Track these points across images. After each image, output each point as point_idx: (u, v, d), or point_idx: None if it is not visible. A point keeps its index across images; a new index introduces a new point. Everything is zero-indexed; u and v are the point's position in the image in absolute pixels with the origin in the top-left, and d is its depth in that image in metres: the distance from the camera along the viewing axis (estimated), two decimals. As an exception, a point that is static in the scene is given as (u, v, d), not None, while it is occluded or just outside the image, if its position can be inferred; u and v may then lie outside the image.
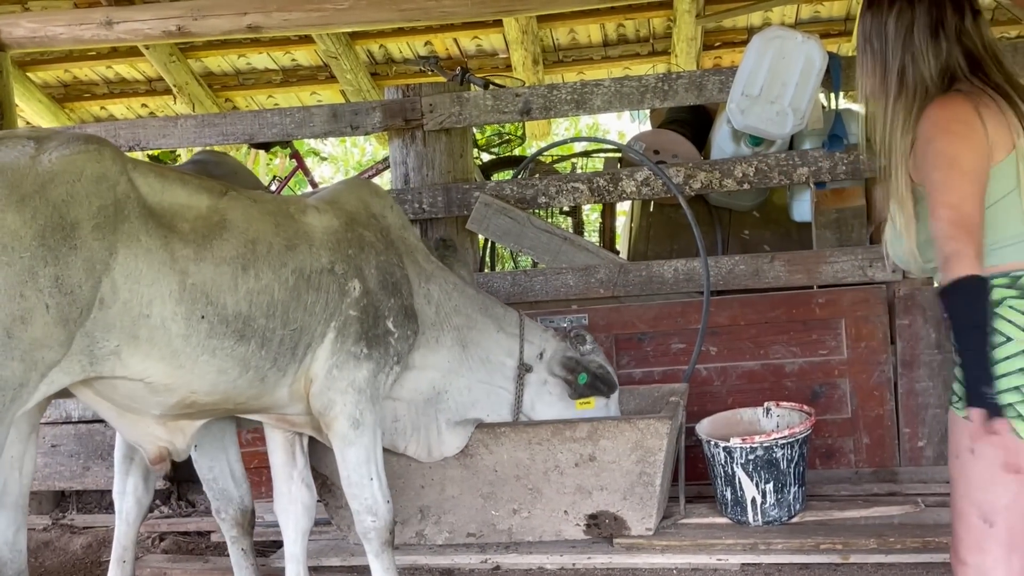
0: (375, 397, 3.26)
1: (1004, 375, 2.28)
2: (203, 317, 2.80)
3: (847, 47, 7.14)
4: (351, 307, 3.19)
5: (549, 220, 5.86)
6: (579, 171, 6.52)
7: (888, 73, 2.48)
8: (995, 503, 2.30)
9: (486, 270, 5.60)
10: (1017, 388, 2.27)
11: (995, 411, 2.22)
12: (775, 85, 4.51)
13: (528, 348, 3.82)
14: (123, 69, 7.69)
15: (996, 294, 2.31)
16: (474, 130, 5.94)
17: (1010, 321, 2.29)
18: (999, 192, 2.29)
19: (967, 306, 2.24)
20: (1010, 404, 2.27)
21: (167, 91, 7.70)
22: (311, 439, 3.51)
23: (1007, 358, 2.28)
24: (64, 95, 7.99)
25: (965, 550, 2.37)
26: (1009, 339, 2.29)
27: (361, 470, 3.23)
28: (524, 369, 3.79)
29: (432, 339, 3.57)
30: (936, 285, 2.56)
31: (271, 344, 2.98)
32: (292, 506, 3.48)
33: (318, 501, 3.61)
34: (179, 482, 4.93)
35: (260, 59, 7.58)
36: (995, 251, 2.29)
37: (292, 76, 7.82)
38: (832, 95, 4.69)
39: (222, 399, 2.99)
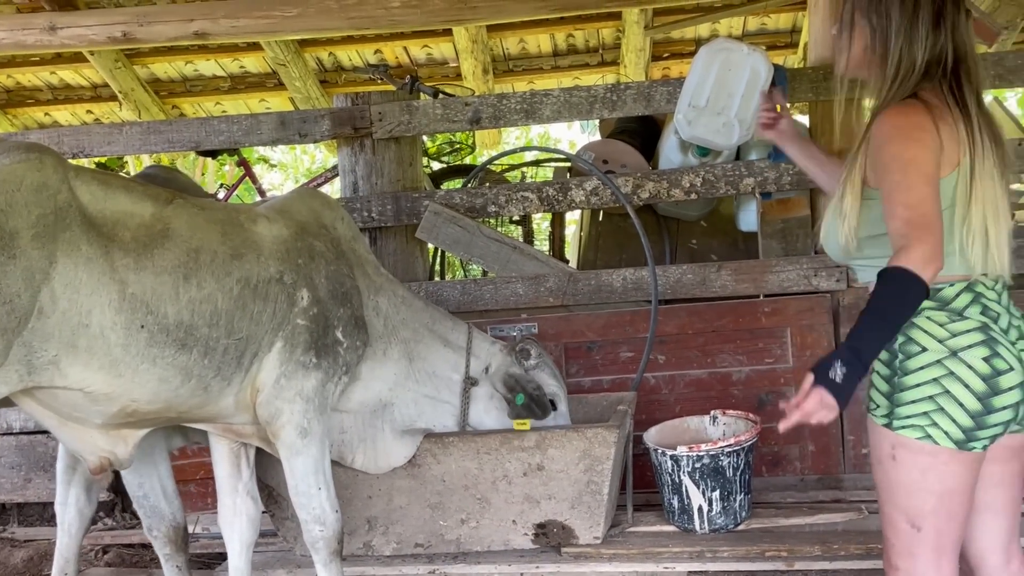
0: (323, 407, 3.24)
1: (918, 384, 2.32)
2: (143, 327, 2.77)
3: (793, 59, 7.25)
4: (299, 316, 3.17)
5: (499, 229, 5.87)
6: (529, 180, 6.54)
7: (889, 53, 2.41)
8: (921, 508, 2.34)
9: (436, 279, 5.59)
10: (931, 397, 2.31)
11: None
12: (721, 97, 4.56)
13: (474, 362, 3.80)
14: (68, 75, 7.59)
15: None
16: (424, 139, 5.92)
17: (926, 332, 2.33)
18: None
19: (890, 294, 2.19)
20: (924, 412, 2.31)
21: (112, 97, 7.62)
22: (257, 450, 3.48)
23: (921, 368, 2.32)
24: (7, 101, 7.87)
25: (896, 555, 2.41)
26: (924, 349, 2.33)
27: (309, 480, 3.21)
28: (470, 383, 3.78)
29: (380, 351, 3.56)
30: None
31: (214, 353, 2.96)
32: (236, 519, 3.43)
33: (264, 512, 3.57)
34: (123, 494, 4.85)
35: (208, 66, 7.52)
36: None
37: (240, 83, 7.77)
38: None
39: (164, 408, 2.96)
